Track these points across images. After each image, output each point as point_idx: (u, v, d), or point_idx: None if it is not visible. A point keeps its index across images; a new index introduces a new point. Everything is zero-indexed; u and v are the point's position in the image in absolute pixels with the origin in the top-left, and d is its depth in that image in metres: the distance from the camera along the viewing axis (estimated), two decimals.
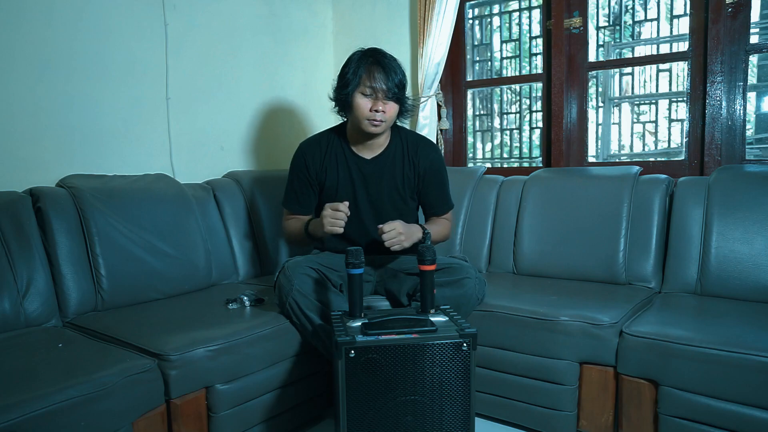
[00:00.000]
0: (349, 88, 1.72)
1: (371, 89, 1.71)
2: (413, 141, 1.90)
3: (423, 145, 1.91)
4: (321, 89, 2.96)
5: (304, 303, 1.63)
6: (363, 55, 1.75)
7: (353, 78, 1.72)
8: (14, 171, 1.83)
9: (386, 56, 1.75)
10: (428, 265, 1.42)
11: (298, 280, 1.64)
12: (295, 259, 1.76)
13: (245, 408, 1.57)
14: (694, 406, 1.46)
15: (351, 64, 1.75)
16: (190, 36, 2.33)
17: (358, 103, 1.72)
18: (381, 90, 1.70)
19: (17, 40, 1.83)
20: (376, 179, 1.86)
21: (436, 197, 1.92)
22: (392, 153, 1.87)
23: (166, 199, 2.00)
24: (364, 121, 1.74)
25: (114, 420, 1.26)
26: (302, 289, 1.63)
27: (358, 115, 1.74)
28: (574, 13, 2.45)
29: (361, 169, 1.85)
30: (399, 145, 1.88)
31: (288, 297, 1.63)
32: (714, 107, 2.12)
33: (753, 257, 1.79)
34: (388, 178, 1.86)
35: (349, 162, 1.85)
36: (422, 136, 1.98)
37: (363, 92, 1.72)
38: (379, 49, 1.78)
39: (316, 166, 1.86)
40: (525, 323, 1.71)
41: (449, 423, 1.32)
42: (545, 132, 2.57)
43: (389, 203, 1.87)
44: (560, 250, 2.13)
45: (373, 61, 1.72)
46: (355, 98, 1.73)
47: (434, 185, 1.90)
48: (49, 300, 1.66)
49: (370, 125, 1.74)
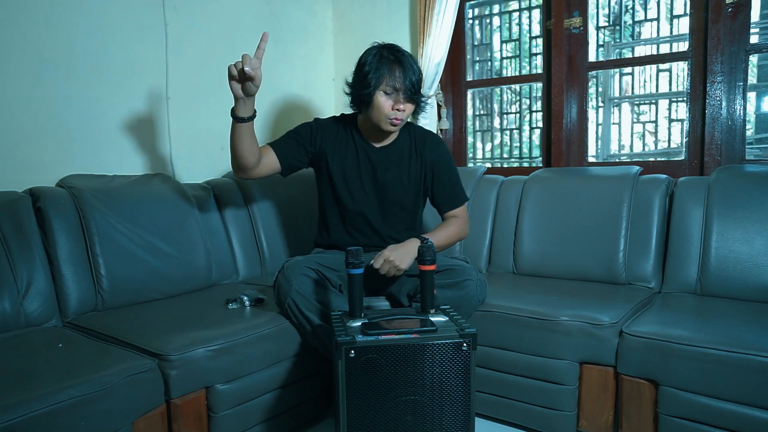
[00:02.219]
0: (371, 87, 1.71)
1: (393, 88, 1.71)
2: (421, 136, 1.92)
3: (430, 139, 1.92)
4: (321, 89, 2.97)
5: (303, 303, 1.62)
6: (382, 52, 1.74)
7: (375, 76, 1.70)
8: (14, 171, 1.83)
9: (405, 54, 1.75)
10: (428, 265, 1.42)
11: (297, 280, 1.64)
12: (295, 259, 1.76)
13: (245, 408, 1.57)
14: (694, 406, 1.46)
15: (370, 60, 1.74)
16: (190, 36, 2.32)
17: (380, 101, 1.72)
18: (402, 89, 1.70)
19: (17, 39, 1.83)
20: (382, 167, 1.86)
21: (447, 191, 1.92)
22: (400, 145, 1.88)
23: (166, 199, 2.00)
24: (384, 120, 1.74)
25: (114, 420, 1.26)
26: (301, 289, 1.63)
27: (379, 113, 1.74)
28: (574, 13, 2.45)
29: (369, 156, 1.86)
30: (407, 139, 1.89)
31: (287, 297, 1.63)
32: (714, 107, 2.12)
33: (753, 257, 1.79)
34: (395, 168, 1.87)
35: (358, 148, 1.87)
36: (429, 131, 1.98)
37: (385, 91, 1.71)
38: (396, 46, 1.77)
39: (324, 142, 1.86)
40: (525, 323, 1.71)
41: (449, 423, 1.32)
42: (545, 132, 2.57)
43: (393, 193, 1.88)
44: (560, 250, 2.13)
45: (395, 59, 1.72)
46: (376, 97, 1.72)
47: (443, 178, 1.91)
48: (49, 300, 1.66)
49: (389, 124, 1.75)
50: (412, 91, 1.72)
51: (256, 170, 1.77)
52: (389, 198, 1.88)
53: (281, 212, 2.37)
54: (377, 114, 1.74)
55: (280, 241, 2.33)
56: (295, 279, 1.64)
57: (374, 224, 1.89)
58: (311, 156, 1.88)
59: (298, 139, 1.87)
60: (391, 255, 1.68)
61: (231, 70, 1.56)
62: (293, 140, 1.87)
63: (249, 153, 1.71)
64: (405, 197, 1.90)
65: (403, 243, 1.74)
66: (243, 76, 1.54)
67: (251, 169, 1.75)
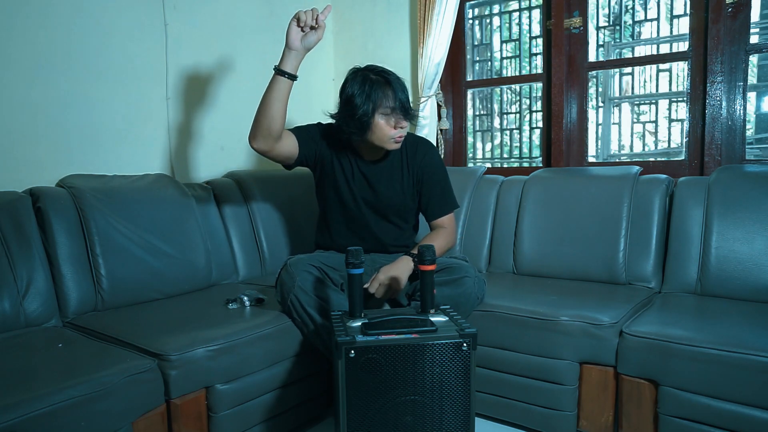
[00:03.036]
0: (369, 113, 1.70)
1: (390, 109, 1.72)
2: (413, 143, 1.92)
3: (420, 145, 1.93)
4: (321, 89, 2.97)
5: (305, 300, 1.62)
6: (368, 75, 1.74)
7: (370, 101, 1.70)
8: (14, 171, 1.83)
9: (389, 72, 1.76)
10: (428, 266, 1.42)
11: (301, 277, 1.64)
12: (298, 256, 1.76)
13: (245, 408, 1.57)
14: (694, 406, 1.46)
15: (358, 87, 1.72)
16: (190, 36, 2.33)
17: (381, 124, 1.73)
18: (399, 107, 1.72)
19: (17, 39, 1.83)
20: (375, 180, 1.86)
21: (434, 198, 1.91)
22: (393, 156, 1.88)
23: (166, 199, 2.00)
24: (388, 141, 1.75)
25: (114, 420, 1.26)
26: (304, 286, 1.63)
27: (382, 135, 1.74)
28: (574, 13, 2.45)
29: (362, 170, 1.86)
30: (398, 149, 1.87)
31: (290, 294, 1.63)
32: (714, 107, 2.12)
33: (753, 257, 1.79)
34: (387, 180, 1.87)
35: (352, 161, 1.86)
36: (421, 138, 1.99)
37: (384, 113, 1.72)
38: (377, 67, 1.78)
39: (327, 147, 1.86)
40: (525, 323, 1.71)
41: (449, 423, 1.32)
42: (545, 132, 2.57)
43: (388, 205, 1.88)
44: (560, 250, 2.13)
45: (384, 80, 1.72)
46: (375, 121, 1.72)
47: (431, 184, 1.90)
48: (49, 300, 1.66)
49: (393, 143, 1.76)
50: (407, 107, 1.74)
51: (276, 143, 1.71)
52: (383, 209, 1.88)
53: (281, 212, 2.37)
54: (380, 136, 1.74)
55: (280, 241, 2.33)
56: (298, 276, 1.64)
57: (371, 230, 1.89)
58: (315, 157, 1.87)
59: (312, 136, 1.86)
60: (386, 279, 1.69)
61: (300, 14, 1.53)
62: (308, 135, 1.85)
63: (279, 117, 1.65)
64: (400, 205, 1.89)
65: (394, 263, 1.74)
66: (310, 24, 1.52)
67: (274, 138, 1.68)
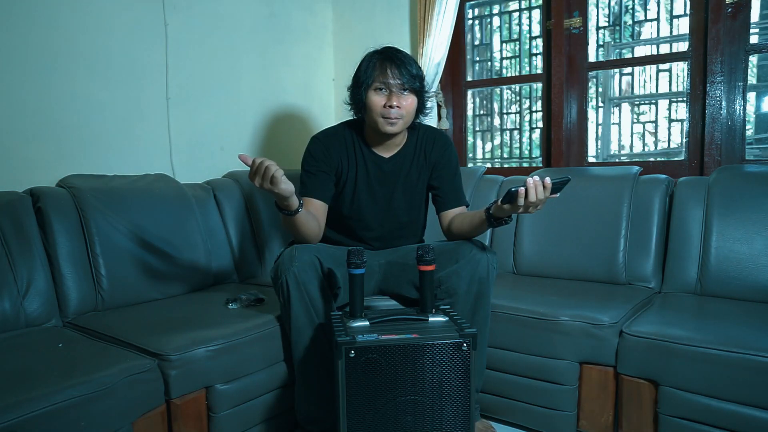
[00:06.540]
0: (362, 87, 1.68)
1: (384, 84, 1.66)
2: (429, 136, 1.85)
3: (437, 137, 1.86)
4: (321, 89, 2.97)
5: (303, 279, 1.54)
6: (374, 52, 1.72)
7: (365, 76, 1.67)
8: (14, 171, 1.83)
9: (399, 51, 1.71)
10: (428, 265, 1.42)
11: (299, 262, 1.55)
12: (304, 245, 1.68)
13: (245, 408, 1.57)
14: (694, 406, 1.46)
15: (363, 64, 1.71)
16: (190, 36, 2.32)
17: (372, 99, 1.67)
18: (395, 84, 1.65)
19: (16, 40, 1.83)
20: (393, 177, 1.81)
21: (451, 191, 1.84)
22: (410, 150, 1.82)
23: (166, 199, 2.00)
24: (379, 119, 1.67)
25: (114, 420, 1.26)
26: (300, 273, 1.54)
27: (372, 112, 1.68)
28: (574, 13, 2.45)
29: (380, 167, 1.80)
30: (413, 143, 1.83)
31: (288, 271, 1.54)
32: (714, 107, 2.12)
33: (753, 257, 1.79)
34: (405, 175, 1.82)
35: (367, 160, 1.80)
36: (438, 130, 1.91)
37: (377, 88, 1.66)
38: (391, 47, 1.74)
39: (336, 156, 1.78)
40: (525, 323, 1.71)
41: (449, 423, 1.32)
42: (545, 132, 2.57)
43: (405, 201, 1.84)
44: (560, 250, 2.13)
45: (385, 57, 1.68)
46: (368, 96, 1.67)
47: (448, 177, 1.84)
48: (49, 300, 1.66)
49: (386, 123, 1.67)
50: (409, 85, 1.66)
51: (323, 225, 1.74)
52: (395, 209, 1.83)
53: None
54: (371, 114, 1.68)
55: (280, 241, 2.33)
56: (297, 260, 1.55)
57: (377, 231, 1.85)
58: (334, 174, 1.79)
59: (321, 167, 1.76)
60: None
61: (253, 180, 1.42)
62: (320, 173, 1.76)
63: (311, 232, 1.65)
64: (413, 205, 1.86)
65: None
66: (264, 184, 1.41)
67: (322, 230, 1.73)
